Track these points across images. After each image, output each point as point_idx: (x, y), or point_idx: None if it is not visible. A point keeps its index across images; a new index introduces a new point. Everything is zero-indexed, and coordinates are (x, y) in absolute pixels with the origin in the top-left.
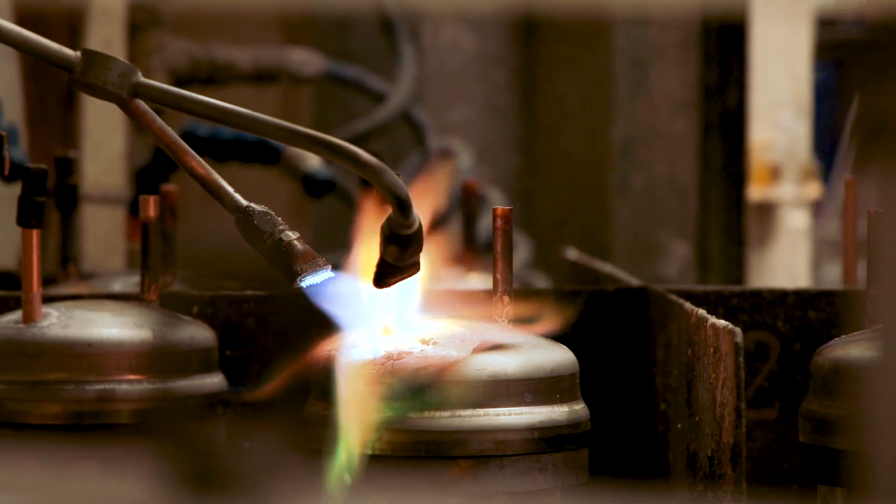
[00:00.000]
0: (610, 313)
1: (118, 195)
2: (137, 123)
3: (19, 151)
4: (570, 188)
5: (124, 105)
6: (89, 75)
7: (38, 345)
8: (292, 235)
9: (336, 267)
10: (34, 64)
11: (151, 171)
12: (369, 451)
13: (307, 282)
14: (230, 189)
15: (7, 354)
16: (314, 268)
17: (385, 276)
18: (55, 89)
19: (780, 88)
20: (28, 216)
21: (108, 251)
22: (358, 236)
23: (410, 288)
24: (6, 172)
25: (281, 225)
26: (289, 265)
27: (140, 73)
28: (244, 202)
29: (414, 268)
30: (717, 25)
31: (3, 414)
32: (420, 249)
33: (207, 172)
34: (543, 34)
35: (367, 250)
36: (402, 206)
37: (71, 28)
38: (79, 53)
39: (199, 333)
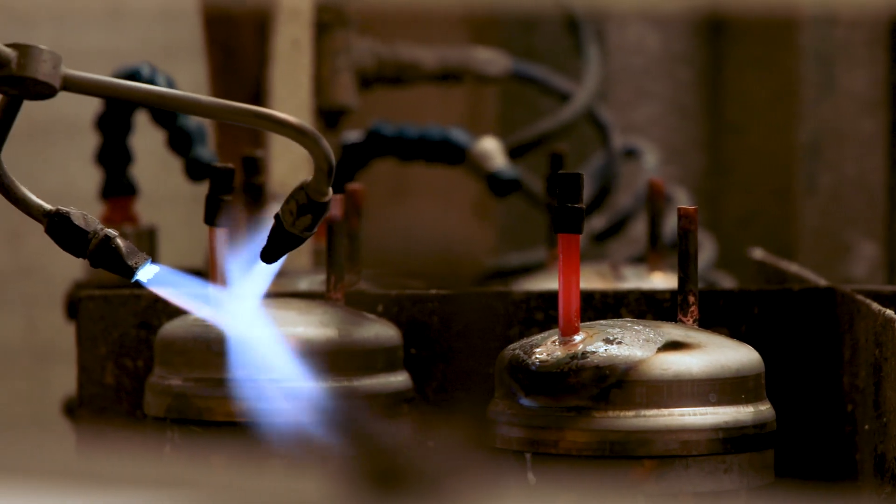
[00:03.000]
0: (796, 313)
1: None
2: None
3: (207, 151)
4: (757, 188)
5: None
6: (28, 68)
7: (224, 342)
8: (114, 233)
9: (527, 268)
10: (222, 63)
11: (337, 170)
12: (553, 451)
13: (141, 275)
14: (33, 196)
15: (194, 352)
16: (143, 261)
17: (284, 247)
18: (243, 88)
19: None
20: (215, 215)
21: (295, 250)
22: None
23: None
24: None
25: (98, 223)
26: (122, 262)
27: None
28: (49, 206)
29: (303, 241)
30: None
31: (190, 411)
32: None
33: (15, 185)
34: (730, 33)
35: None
36: (329, 175)
37: (259, 28)
38: (13, 50)
39: (383, 332)
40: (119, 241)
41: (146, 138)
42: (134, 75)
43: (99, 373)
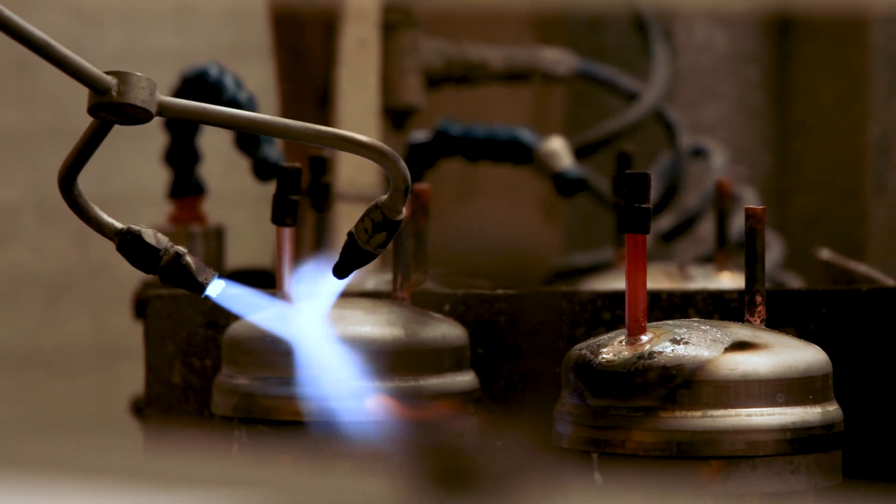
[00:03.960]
0: (864, 313)
1: (372, 193)
2: None
3: (274, 150)
4: (825, 187)
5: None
6: (128, 95)
7: (292, 343)
8: (183, 250)
9: (593, 268)
10: (290, 63)
11: None
12: (620, 451)
13: (210, 291)
14: (105, 215)
15: (261, 351)
16: (212, 276)
17: (357, 263)
18: (310, 88)
19: None
20: (282, 214)
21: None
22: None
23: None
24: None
25: (168, 241)
26: (192, 278)
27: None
28: (120, 224)
29: (375, 257)
30: None
31: (257, 410)
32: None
33: (88, 206)
34: (798, 32)
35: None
36: (405, 195)
37: (326, 28)
38: (113, 77)
39: (450, 332)
40: (188, 258)
41: (214, 138)
42: (202, 75)
43: (166, 372)
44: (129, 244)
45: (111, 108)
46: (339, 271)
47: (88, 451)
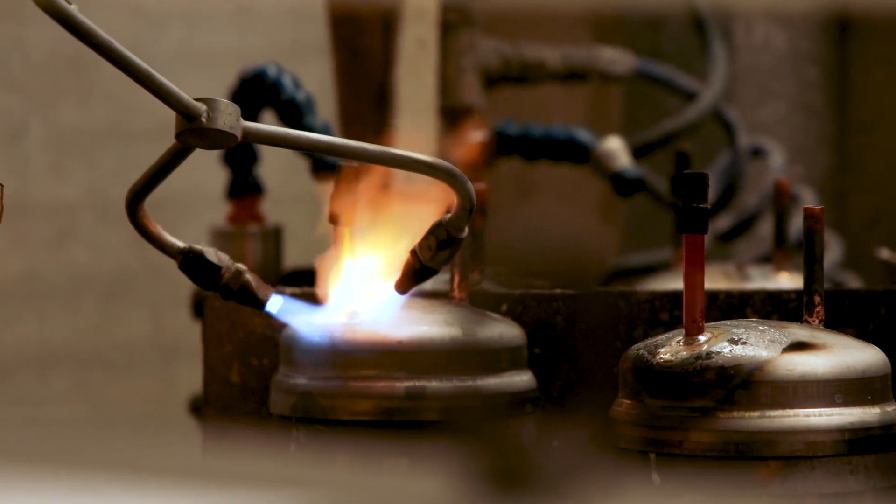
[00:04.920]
0: None
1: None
2: None
3: None
4: (884, 187)
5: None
6: (217, 121)
7: (349, 342)
8: (244, 267)
9: (651, 268)
10: (349, 62)
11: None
12: (678, 452)
13: (270, 307)
14: (167, 234)
15: (319, 352)
16: (271, 293)
17: (419, 279)
18: (368, 88)
19: None
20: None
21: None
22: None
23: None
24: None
25: (228, 259)
26: (253, 295)
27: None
28: (182, 243)
29: (436, 273)
30: None
31: (315, 410)
32: None
33: (152, 225)
34: (857, 32)
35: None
36: (470, 214)
37: (385, 28)
38: (202, 104)
39: (507, 331)
40: (248, 275)
41: None
42: (260, 75)
43: (225, 371)
44: (191, 262)
45: (199, 134)
46: (402, 287)
47: (147, 451)
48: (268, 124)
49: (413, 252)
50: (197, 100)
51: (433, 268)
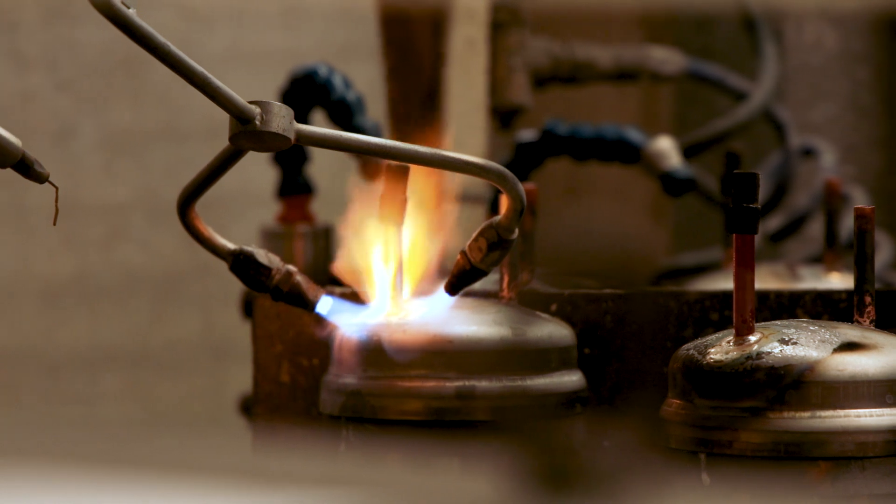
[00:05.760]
0: None
1: (479, 193)
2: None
3: None
4: None
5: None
6: (271, 124)
7: (399, 342)
8: (294, 269)
9: (701, 268)
10: (398, 62)
11: (511, 169)
12: (728, 452)
13: (320, 308)
14: (218, 236)
15: (369, 351)
16: (321, 294)
17: (469, 281)
18: (418, 87)
19: None
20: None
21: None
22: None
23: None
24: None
25: (279, 260)
26: (303, 296)
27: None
28: (233, 245)
29: (487, 274)
30: None
31: (365, 410)
32: None
33: (203, 227)
34: None
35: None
36: (521, 215)
37: (434, 28)
38: (256, 107)
39: (557, 331)
40: (299, 277)
41: None
42: (310, 75)
43: (275, 371)
44: (242, 264)
45: (253, 137)
46: (452, 289)
47: (197, 450)
48: (318, 125)
49: (463, 253)
50: (251, 102)
51: (483, 269)
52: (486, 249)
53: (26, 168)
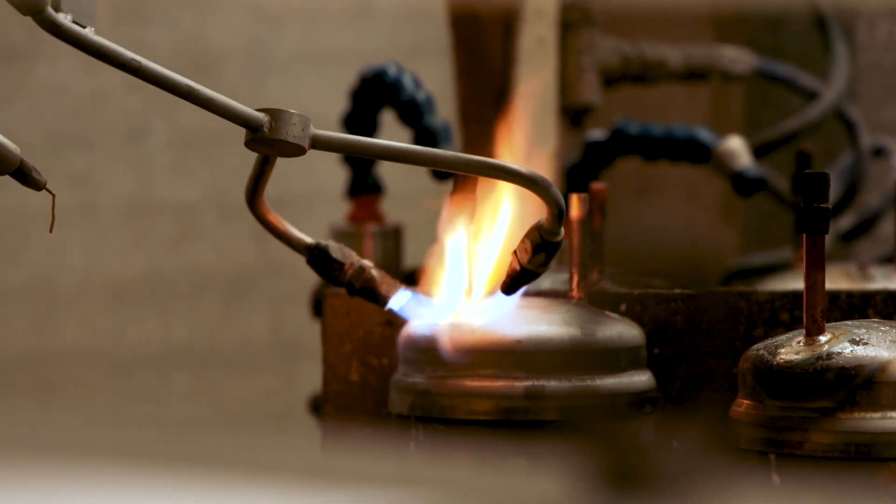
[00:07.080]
0: None
1: None
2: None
3: (452, 150)
4: None
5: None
6: (280, 132)
7: (469, 341)
8: (369, 263)
9: (772, 268)
10: (468, 62)
11: (581, 169)
12: (798, 453)
13: (393, 303)
14: (294, 230)
15: (438, 350)
16: (396, 289)
17: (522, 282)
18: (488, 87)
19: None
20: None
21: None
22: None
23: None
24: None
25: (354, 255)
26: (376, 291)
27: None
28: (310, 239)
29: (540, 275)
30: None
31: (434, 409)
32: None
33: (278, 222)
34: None
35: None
36: (560, 217)
37: (504, 27)
38: (264, 115)
39: (626, 331)
40: (373, 271)
41: (392, 137)
42: (380, 75)
43: (344, 370)
44: (318, 258)
45: (265, 143)
46: (507, 289)
47: (266, 449)
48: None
49: (514, 254)
50: (262, 110)
51: (533, 271)
52: (532, 251)
53: (24, 175)
